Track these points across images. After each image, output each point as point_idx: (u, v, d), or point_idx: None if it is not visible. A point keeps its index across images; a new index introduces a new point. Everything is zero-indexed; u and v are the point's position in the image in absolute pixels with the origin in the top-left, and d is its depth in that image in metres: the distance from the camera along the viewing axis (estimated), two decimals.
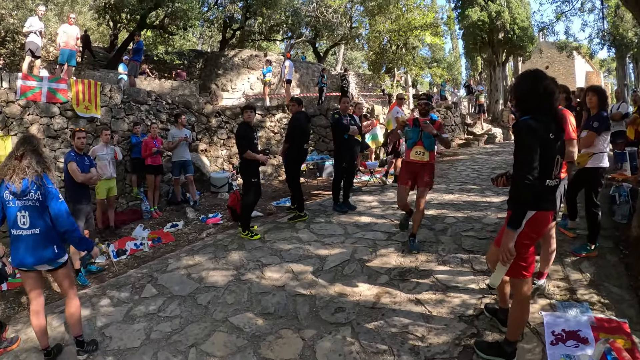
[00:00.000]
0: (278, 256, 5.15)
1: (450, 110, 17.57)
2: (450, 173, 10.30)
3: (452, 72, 33.78)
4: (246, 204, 6.02)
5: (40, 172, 3.29)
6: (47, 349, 3.45)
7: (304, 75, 21.35)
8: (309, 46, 31.46)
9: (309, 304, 3.95)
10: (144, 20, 17.24)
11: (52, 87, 8.04)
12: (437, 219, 6.17)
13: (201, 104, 11.81)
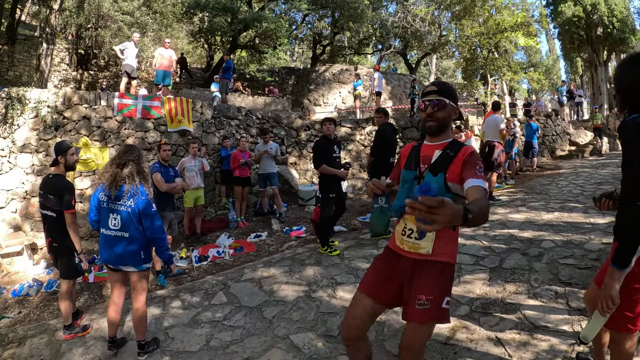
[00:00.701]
0: (354, 275, 4.99)
1: (551, 118, 15.92)
2: (551, 189, 9.22)
3: (550, 77, 30.81)
4: (323, 219, 5.95)
5: (137, 182, 3.58)
6: (113, 338, 3.81)
7: (395, 87, 21.05)
8: (399, 58, 31.11)
9: (376, 330, 3.72)
10: (236, 41, 18.44)
11: (147, 104, 8.94)
12: (532, 242, 5.43)
13: (291, 118, 12.20)
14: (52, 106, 8.30)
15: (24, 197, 8.00)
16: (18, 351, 4.31)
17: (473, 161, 2.12)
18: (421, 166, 2.30)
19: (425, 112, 2.28)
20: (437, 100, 2.24)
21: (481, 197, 1.92)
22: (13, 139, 8.09)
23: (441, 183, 2.16)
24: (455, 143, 2.27)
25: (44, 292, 6.08)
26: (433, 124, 2.27)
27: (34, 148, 8.11)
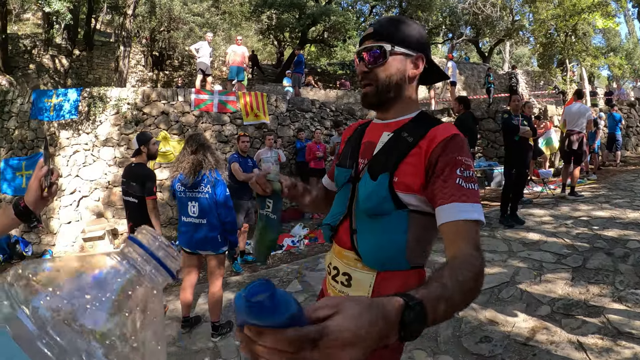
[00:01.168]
0: (432, 268, 4.75)
1: (634, 107, 14.44)
2: (636, 186, 8.62)
3: (632, 62, 27.99)
4: None
5: (213, 165, 3.66)
6: (186, 317, 3.95)
7: (469, 77, 20.18)
8: (471, 46, 29.79)
9: (453, 326, 3.59)
10: (305, 36, 18.57)
11: (223, 99, 9.26)
12: (617, 242, 5.13)
13: (365, 110, 11.98)
14: (132, 103, 8.78)
15: (107, 186, 8.57)
16: None
17: (452, 158, 1.16)
18: (359, 161, 1.40)
19: (358, 72, 1.40)
20: (376, 49, 1.31)
21: (466, 249, 1.02)
22: (96, 134, 8.69)
23: (382, 194, 1.24)
24: (422, 120, 1.33)
25: None
26: (369, 90, 1.35)
27: (115, 142, 8.62)
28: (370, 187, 1.27)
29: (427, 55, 1.37)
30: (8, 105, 9.20)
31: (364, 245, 1.30)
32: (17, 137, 9.01)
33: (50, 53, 17.86)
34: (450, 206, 1.10)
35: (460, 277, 0.88)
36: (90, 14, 18.35)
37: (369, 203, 1.27)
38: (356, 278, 1.32)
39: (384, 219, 1.25)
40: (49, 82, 17.09)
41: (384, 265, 1.28)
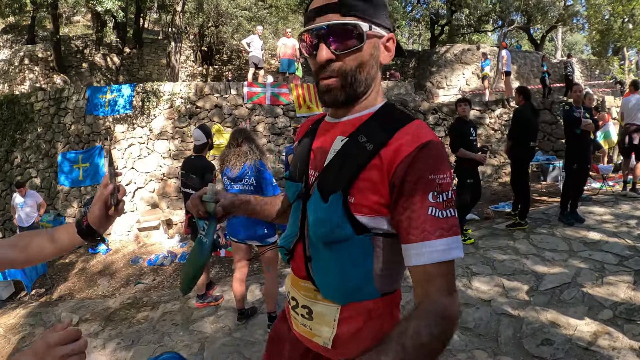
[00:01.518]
0: (490, 266, 4.69)
1: None
2: None
3: None
4: (459, 206, 5.60)
5: (258, 156, 3.68)
6: (242, 310, 4.02)
7: (521, 66, 19.27)
8: (522, 34, 28.74)
9: (514, 327, 3.46)
10: None
11: (275, 91, 9.37)
12: None
13: (417, 102, 11.73)
14: (185, 97, 9.03)
15: (161, 178, 8.85)
16: (151, 314, 4.72)
17: (422, 178, 0.91)
18: (310, 173, 1.13)
19: (313, 60, 1.05)
20: (350, 29, 0.98)
21: (437, 296, 0.89)
22: (150, 128, 8.99)
23: (335, 220, 0.99)
24: (385, 118, 1.05)
25: (178, 262, 6.67)
26: (333, 84, 1.02)
27: (169, 135, 8.88)
28: (320, 212, 1.02)
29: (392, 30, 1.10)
30: (64, 102, 9.63)
31: (320, 276, 1.08)
32: (73, 131, 9.45)
33: (101, 52, 18.68)
34: (420, 245, 0.89)
35: (425, 338, 0.81)
36: (139, 13, 19.03)
37: (321, 230, 1.02)
38: (318, 312, 1.11)
39: (342, 245, 1.01)
40: (102, 79, 17.86)
41: (346, 298, 1.06)
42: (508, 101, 10.76)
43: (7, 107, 10.14)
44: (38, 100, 9.91)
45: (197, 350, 3.79)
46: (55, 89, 10.62)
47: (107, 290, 6.22)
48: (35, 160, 9.73)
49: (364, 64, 1.01)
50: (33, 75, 16.64)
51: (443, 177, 0.91)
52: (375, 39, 1.02)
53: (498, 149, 10.53)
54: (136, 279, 6.36)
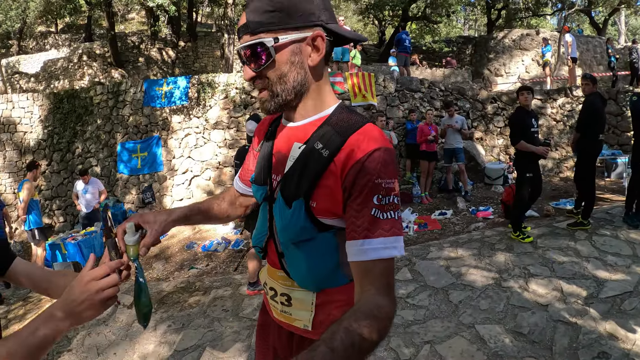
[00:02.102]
0: (548, 267, 4.47)
1: None
2: None
3: None
4: (518, 202, 5.38)
5: None
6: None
7: (583, 52, 17.87)
8: (583, 17, 26.86)
9: (570, 336, 3.28)
10: (406, 13, 18.00)
11: (330, 80, 9.08)
12: None
13: (475, 90, 11.36)
14: (240, 87, 9.18)
15: (217, 167, 9.13)
16: (203, 299, 4.85)
17: (369, 182, 0.97)
18: (273, 177, 1.20)
19: (245, 79, 1.13)
20: (257, 48, 1.02)
21: (372, 295, 0.92)
22: (206, 118, 9.25)
23: (300, 223, 1.07)
24: (339, 122, 1.08)
25: (231, 249, 6.84)
26: (265, 96, 1.09)
27: (225, 125, 9.12)
28: (286, 218, 1.10)
29: (325, 23, 1.04)
30: (122, 95, 10.06)
31: (293, 269, 1.19)
32: (131, 122, 9.87)
33: (157, 46, 19.43)
34: (361, 243, 0.96)
35: (357, 338, 0.81)
36: (192, 8, 19.57)
37: (288, 234, 1.12)
38: (296, 297, 1.22)
39: (309, 243, 1.11)
40: (158, 72, 18.55)
41: (319, 286, 1.18)
42: (571, 90, 10.19)
43: (67, 101, 10.69)
44: (97, 94, 10.42)
45: (245, 336, 3.86)
46: (113, 83, 11.12)
47: (162, 273, 6.45)
48: (96, 150, 10.25)
49: (285, 74, 1.05)
50: (92, 70, 17.51)
51: (388, 181, 0.98)
52: (292, 45, 1.03)
53: (560, 141, 10.03)
54: (190, 264, 6.56)
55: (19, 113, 10.86)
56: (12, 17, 18.17)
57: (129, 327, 4.44)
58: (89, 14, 19.57)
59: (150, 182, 9.55)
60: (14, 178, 10.72)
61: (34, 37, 23.99)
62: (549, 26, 27.60)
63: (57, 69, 17.62)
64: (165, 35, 19.76)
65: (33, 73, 17.92)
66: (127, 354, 3.93)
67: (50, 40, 23.85)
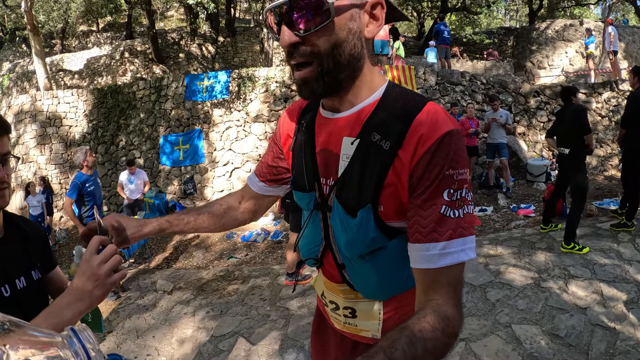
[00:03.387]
0: (589, 269, 4.35)
1: None
2: None
3: None
4: (576, 208, 4.92)
5: None
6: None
7: (629, 43, 16.88)
8: (629, 6, 25.34)
9: (608, 341, 3.18)
10: (445, 4, 17.68)
11: None
12: None
13: (518, 83, 10.96)
14: (280, 81, 9.35)
15: (257, 159, 9.33)
16: (241, 287, 5.02)
17: (439, 173, 0.83)
18: (322, 181, 1.03)
19: (283, 45, 0.88)
20: (313, 3, 0.81)
21: (441, 307, 0.79)
22: (247, 111, 9.47)
23: (370, 235, 0.94)
24: (393, 104, 0.92)
25: (270, 240, 7.04)
26: (309, 74, 0.87)
27: (265, 118, 9.30)
28: (351, 230, 0.94)
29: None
30: (164, 89, 10.38)
31: (360, 282, 1.05)
32: (173, 116, 10.17)
33: (197, 42, 19.87)
34: (427, 247, 0.82)
35: (420, 351, 0.69)
36: (230, 4, 19.91)
37: (356, 248, 0.97)
38: (361, 309, 1.10)
39: (378, 253, 0.98)
40: (198, 67, 19.00)
41: (388, 295, 1.06)
42: (617, 83, 9.77)
43: (111, 96, 11.10)
44: (140, 89, 10.78)
45: (282, 325, 3.98)
46: (155, 78, 11.45)
47: (202, 262, 6.68)
48: (139, 142, 10.61)
49: (341, 43, 0.84)
50: (134, 67, 18.14)
51: (459, 172, 0.83)
52: (352, 9, 0.84)
53: (605, 138, 9.64)
54: (229, 254, 6.77)
55: (64, 108, 11.34)
56: (55, 17, 18.95)
57: (168, 312, 4.66)
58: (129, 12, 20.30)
59: (192, 173, 9.84)
60: (60, 169, 11.20)
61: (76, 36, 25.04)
62: (593, 16, 26.43)
63: (100, 66, 18.32)
64: (205, 31, 20.20)
65: (77, 70, 18.68)
66: (165, 337, 4.12)
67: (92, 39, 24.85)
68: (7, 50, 22.79)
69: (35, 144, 11.26)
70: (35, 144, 11.26)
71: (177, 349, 3.89)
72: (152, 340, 4.08)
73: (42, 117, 11.31)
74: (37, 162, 11.27)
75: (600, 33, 14.55)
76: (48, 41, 22.55)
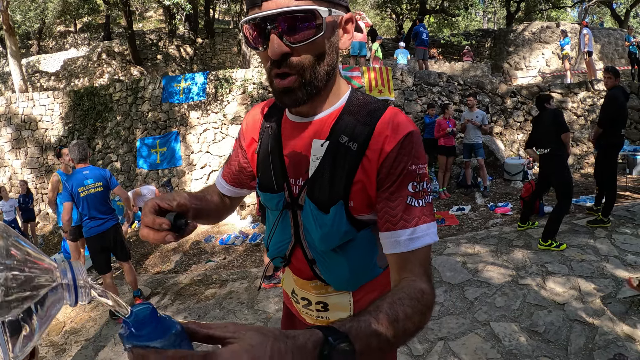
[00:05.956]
0: (567, 265, 4.39)
1: None
2: None
3: None
4: (562, 208, 4.91)
5: None
6: None
7: (605, 45, 17.44)
8: (605, 9, 26.37)
9: (587, 336, 3.21)
10: (424, 7, 17.93)
11: (347, 74, 9.17)
12: None
13: (495, 84, 11.11)
14: (257, 83, 9.28)
15: None
16: (219, 291, 4.94)
17: (403, 169, 0.93)
18: (291, 181, 1.07)
19: (263, 54, 0.93)
20: (307, 15, 0.84)
21: (415, 282, 0.86)
22: (224, 113, 9.38)
23: (343, 228, 1.00)
24: (357, 108, 1.00)
25: (248, 243, 6.96)
26: (293, 83, 0.90)
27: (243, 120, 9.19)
28: (325, 225, 1.00)
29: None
30: (141, 91, 10.22)
31: (331, 275, 1.10)
32: (150, 118, 10.01)
33: (175, 43, 19.68)
34: (398, 234, 0.91)
35: (400, 314, 0.74)
36: (209, 5, 19.81)
37: (329, 242, 1.03)
38: (333, 302, 1.16)
39: (349, 245, 1.05)
40: (176, 69, 18.79)
41: (357, 284, 1.14)
42: (592, 84, 9.99)
43: (87, 99, 10.87)
44: (116, 91, 10.60)
45: None
46: (132, 80, 11.28)
47: (179, 266, 6.57)
48: (115, 145, 10.42)
49: (324, 54, 0.90)
50: (111, 68, 17.84)
51: (421, 166, 0.94)
52: (332, 21, 0.89)
53: (581, 137, 9.83)
54: (207, 257, 6.67)
55: (40, 111, 11.10)
56: (31, 17, 18.63)
57: None
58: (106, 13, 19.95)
59: (169, 176, 9.69)
60: (36, 174, 10.97)
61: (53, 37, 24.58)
62: (570, 19, 27.16)
63: (77, 68, 17.99)
64: (183, 33, 19.99)
65: (53, 72, 18.34)
66: None
67: (70, 40, 24.39)
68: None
69: (10, 148, 11.02)
70: (10, 148, 11.02)
71: None
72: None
73: (17, 120, 11.07)
74: (12, 167, 11.03)
75: (576, 35, 14.90)
76: (24, 42, 22.16)
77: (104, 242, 4.47)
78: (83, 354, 3.98)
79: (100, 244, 4.46)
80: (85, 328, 4.52)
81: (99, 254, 4.50)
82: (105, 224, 4.45)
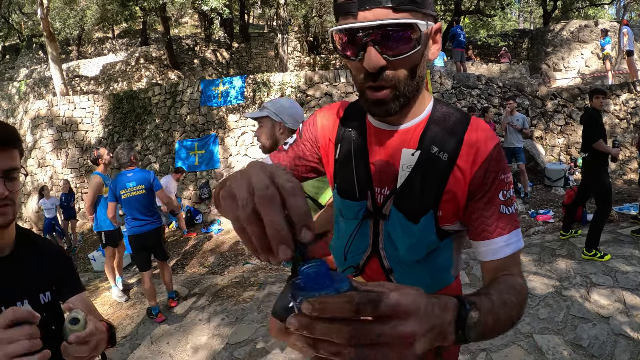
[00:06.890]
0: (612, 277, 4.25)
1: None
2: None
3: None
4: (601, 215, 4.69)
5: None
6: None
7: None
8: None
9: (631, 351, 3.10)
10: (459, 7, 17.61)
11: None
12: None
13: (534, 86, 10.79)
14: (295, 86, 9.40)
15: None
16: (257, 294, 4.99)
17: (495, 179, 0.97)
18: (375, 190, 1.05)
19: (357, 64, 0.89)
20: (406, 28, 0.83)
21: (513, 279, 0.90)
22: None
23: (431, 238, 1.03)
24: (443, 118, 1.01)
25: None
26: (388, 96, 0.90)
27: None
28: (414, 235, 1.01)
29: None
30: (179, 95, 10.48)
31: (407, 284, 1.00)
32: (189, 121, 10.26)
33: (211, 48, 20.08)
34: (495, 242, 0.97)
35: (507, 300, 0.79)
36: (243, 9, 20.12)
37: (416, 253, 1.05)
38: None
39: (431, 254, 1.07)
40: (213, 73, 19.17)
41: (431, 293, 1.07)
42: (634, 85, 9.56)
43: (127, 102, 11.23)
44: (155, 94, 10.91)
45: None
46: (170, 84, 11.55)
47: (217, 268, 6.68)
48: (154, 147, 10.71)
49: (417, 67, 0.90)
50: (149, 72, 18.36)
51: (509, 175, 0.99)
52: (427, 35, 0.88)
53: (623, 141, 9.39)
54: (245, 259, 6.75)
55: (80, 113, 11.52)
56: (70, 24, 19.38)
57: (182, 318, 4.65)
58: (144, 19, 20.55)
59: (207, 178, 9.90)
60: (76, 174, 11.36)
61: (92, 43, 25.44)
62: (608, 16, 26.03)
63: (116, 72, 18.59)
64: (219, 37, 20.38)
65: (93, 76, 18.95)
66: (179, 344, 4.10)
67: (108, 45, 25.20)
68: (24, 57, 23.19)
69: (51, 149, 11.45)
70: (51, 149, 11.45)
71: (191, 356, 3.88)
72: (166, 347, 4.07)
73: (59, 122, 11.50)
74: (54, 167, 11.47)
75: (616, 33, 14.31)
76: (64, 48, 22.92)
77: (145, 242, 4.64)
78: (119, 351, 4.08)
79: (140, 243, 4.64)
80: (122, 325, 4.66)
81: (139, 252, 4.70)
82: (145, 226, 4.60)
